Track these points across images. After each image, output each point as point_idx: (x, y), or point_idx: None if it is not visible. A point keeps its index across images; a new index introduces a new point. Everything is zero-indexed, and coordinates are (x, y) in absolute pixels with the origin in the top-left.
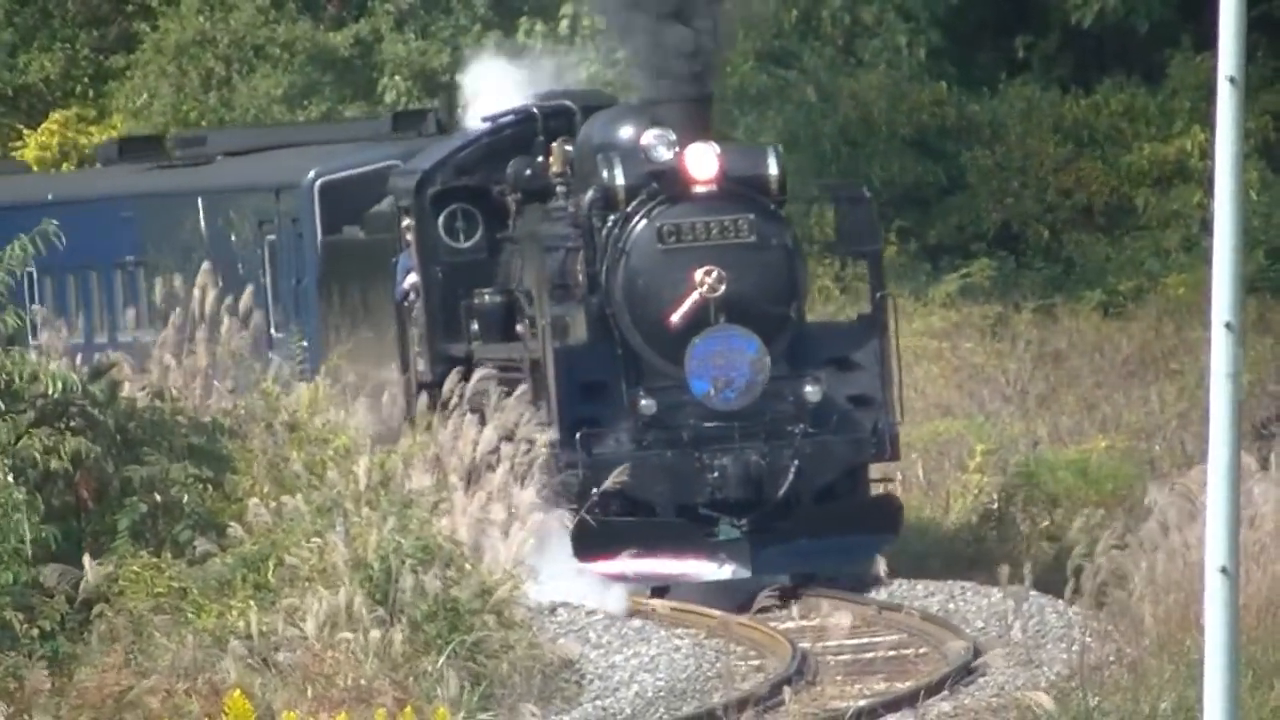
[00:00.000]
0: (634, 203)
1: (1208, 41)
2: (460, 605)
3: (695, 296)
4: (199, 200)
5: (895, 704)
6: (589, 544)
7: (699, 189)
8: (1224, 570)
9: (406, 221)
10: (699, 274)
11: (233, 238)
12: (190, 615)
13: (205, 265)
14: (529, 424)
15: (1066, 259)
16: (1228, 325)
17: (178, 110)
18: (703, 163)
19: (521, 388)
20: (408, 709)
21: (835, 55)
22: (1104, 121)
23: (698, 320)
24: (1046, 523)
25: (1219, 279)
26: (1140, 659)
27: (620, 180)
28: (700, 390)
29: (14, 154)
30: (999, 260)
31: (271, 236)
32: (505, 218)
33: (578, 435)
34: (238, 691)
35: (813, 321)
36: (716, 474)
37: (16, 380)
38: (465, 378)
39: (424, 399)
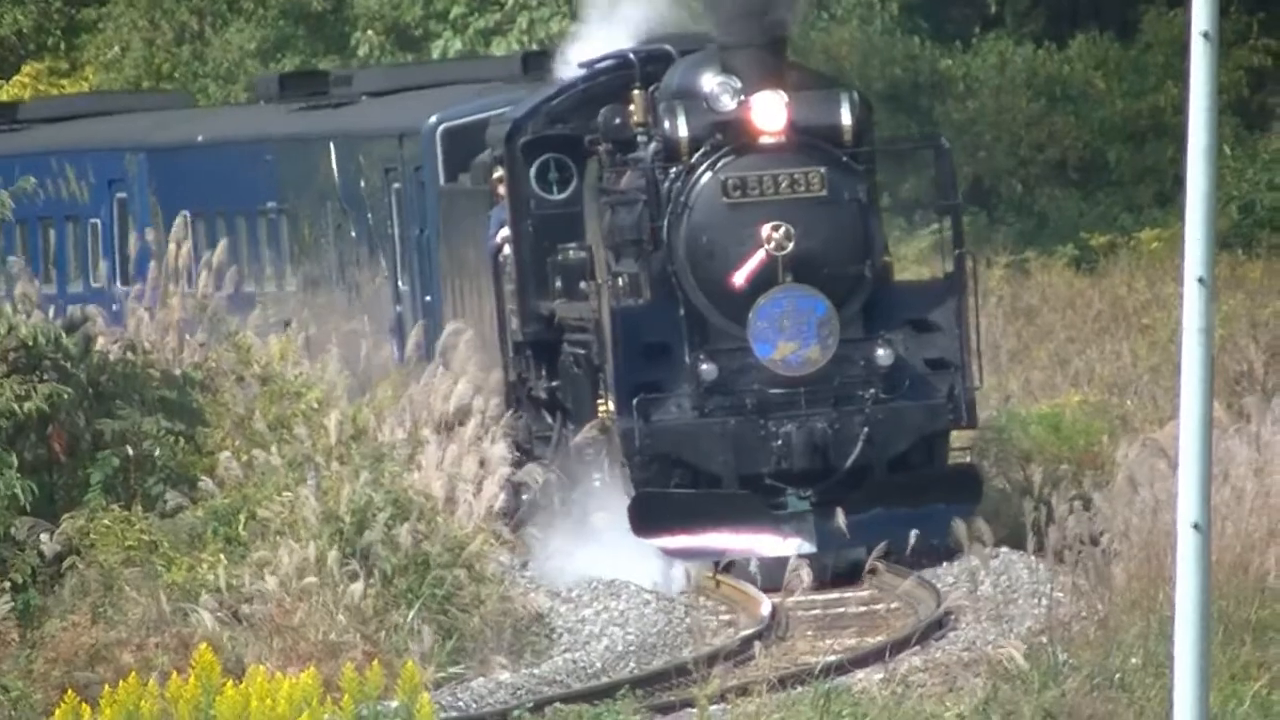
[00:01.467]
0: (698, 154)
1: None
2: (431, 559)
3: (761, 254)
4: (331, 145)
5: (865, 658)
6: (648, 517)
7: (766, 140)
8: (1196, 526)
9: (499, 172)
10: (766, 230)
11: (362, 185)
12: (160, 569)
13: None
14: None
15: (1039, 214)
16: (1201, 280)
17: (150, 63)
18: (770, 112)
19: (468, 334)
20: (375, 663)
21: (808, 10)
22: (1077, 76)
23: (764, 279)
24: (1019, 477)
25: (1192, 234)
26: (1110, 614)
27: (683, 131)
28: (765, 354)
29: None
30: (971, 215)
31: (397, 185)
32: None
33: (635, 401)
34: (205, 645)
35: (895, 281)
36: (781, 442)
37: None
38: (553, 337)
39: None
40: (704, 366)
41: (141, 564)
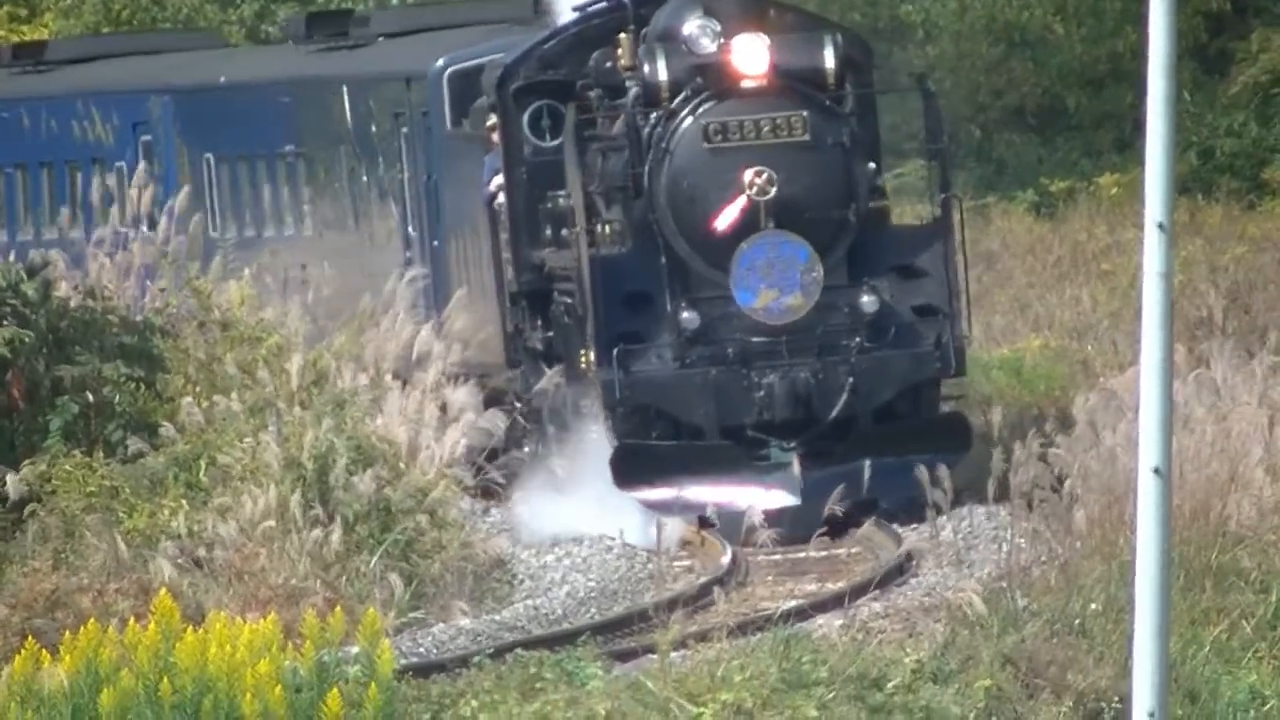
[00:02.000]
0: (678, 99)
1: None
2: (393, 505)
3: (743, 200)
4: (344, 88)
5: (825, 604)
6: (629, 470)
7: (747, 83)
8: (1157, 471)
9: (492, 119)
10: (748, 175)
11: (373, 129)
12: (122, 515)
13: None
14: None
15: (998, 160)
16: (1160, 225)
17: (108, 9)
18: (751, 55)
19: (461, 291)
20: (337, 609)
21: None
22: (1036, 22)
23: (746, 225)
24: (980, 422)
25: (1151, 179)
26: (1071, 560)
27: (663, 75)
28: (747, 302)
29: None
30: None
31: (405, 129)
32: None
33: (615, 352)
34: (164, 591)
35: (880, 226)
36: (763, 393)
37: None
38: (546, 287)
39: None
40: (685, 315)
41: (102, 510)
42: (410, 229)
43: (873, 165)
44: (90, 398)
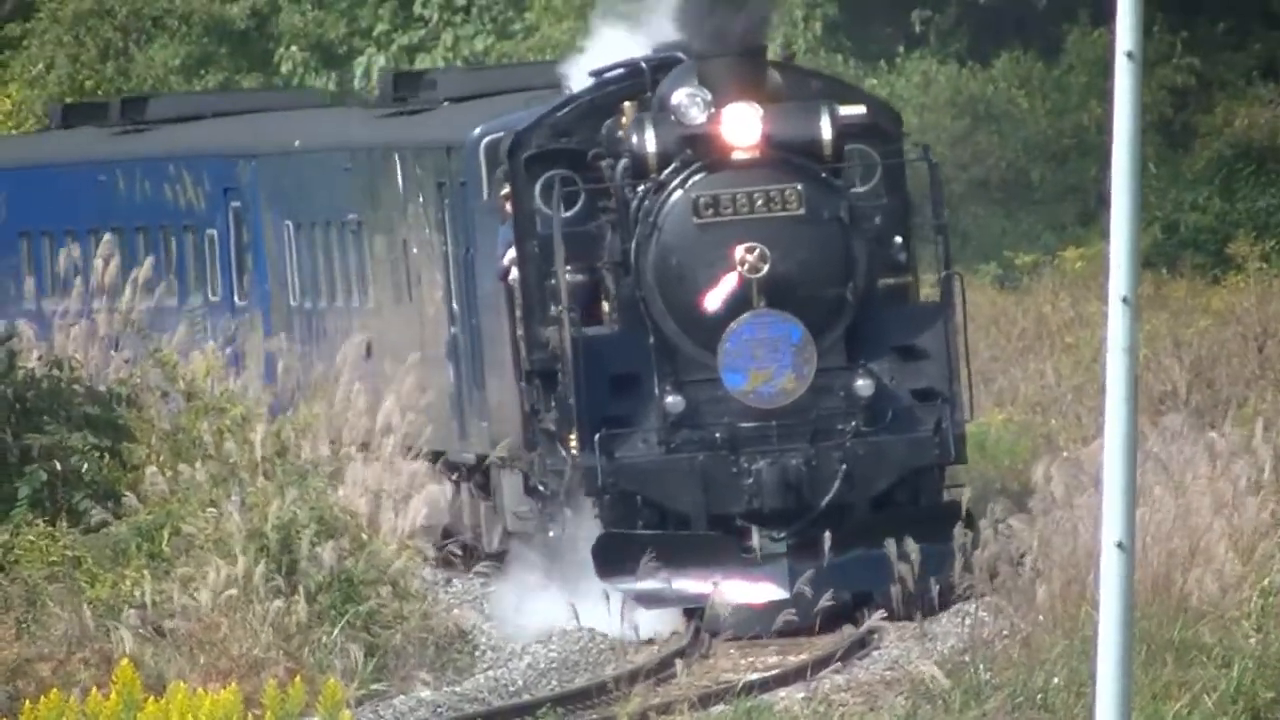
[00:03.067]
0: (667, 171)
1: (1105, 16)
2: (355, 576)
3: (734, 277)
4: (395, 156)
5: (787, 677)
6: (612, 560)
7: (739, 155)
8: (1120, 545)
9: (505, 189)
10: (739, 251)
11: (420, 199)
12: (84, 584)
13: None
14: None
15: (963, 232)
16: (1125, 299)
17: (74, 80)
18: (743, 125)
19: (413, 356)
20: (297, 679)
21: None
22: (1000, 95)
23: (737, 304)
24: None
25: (1116, 253)
26: (1033, 634)
27: (651, 145)
28: (736, 384)
29: None
30: None
31: (448, 200)
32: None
33: (597, 437)
34: (126, 661)
35: (881, 307)
36: (752, 480)
37: None
38: (554, 366)
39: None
40: (670, 399)
41: (65, 579)
42: (454, 303)
43: (899, 239)
44: (57, 466)
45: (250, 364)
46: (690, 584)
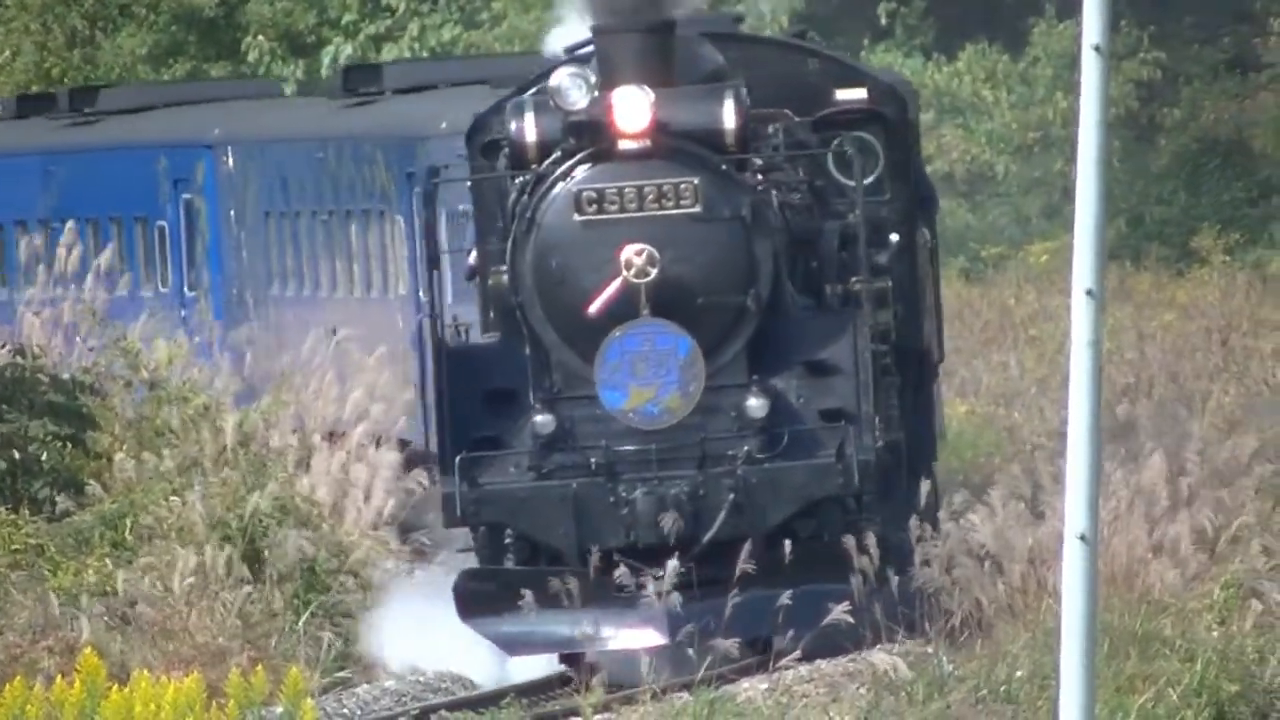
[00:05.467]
0: (548, 162)
1: (1071, 9)
2: (318, 565)
3: (619, 282)
4: (364, 147)
5: (749, 668)
6: (474, 600)
7: (628, 144)
8: (1083, 537)
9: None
10: (626, 253)
11: (387, 190)
12: (47, 572)
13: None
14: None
15: None
16: (1089, 292)
17: (40, 67)
18: (631, 109)
19: (380, 349)
20: (260, 668)
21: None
22: (966, 88)
23: (622, 312)
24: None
25: (1081, 246)
26: (996, 627)
27: (531, 134)
28: (614, 403)
29: None
30: None
31: (417, 189)
32: None
33: (458, 460)
34: (90, 649)
35: (792, 316)
36: (627, 511)
37: None
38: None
39: None
40: (539, 418)
41: (28, 567)
42: (421, 294)
43: (895, 237)
44: (17, 455)
45: (216, 353)
46: (562, 627)
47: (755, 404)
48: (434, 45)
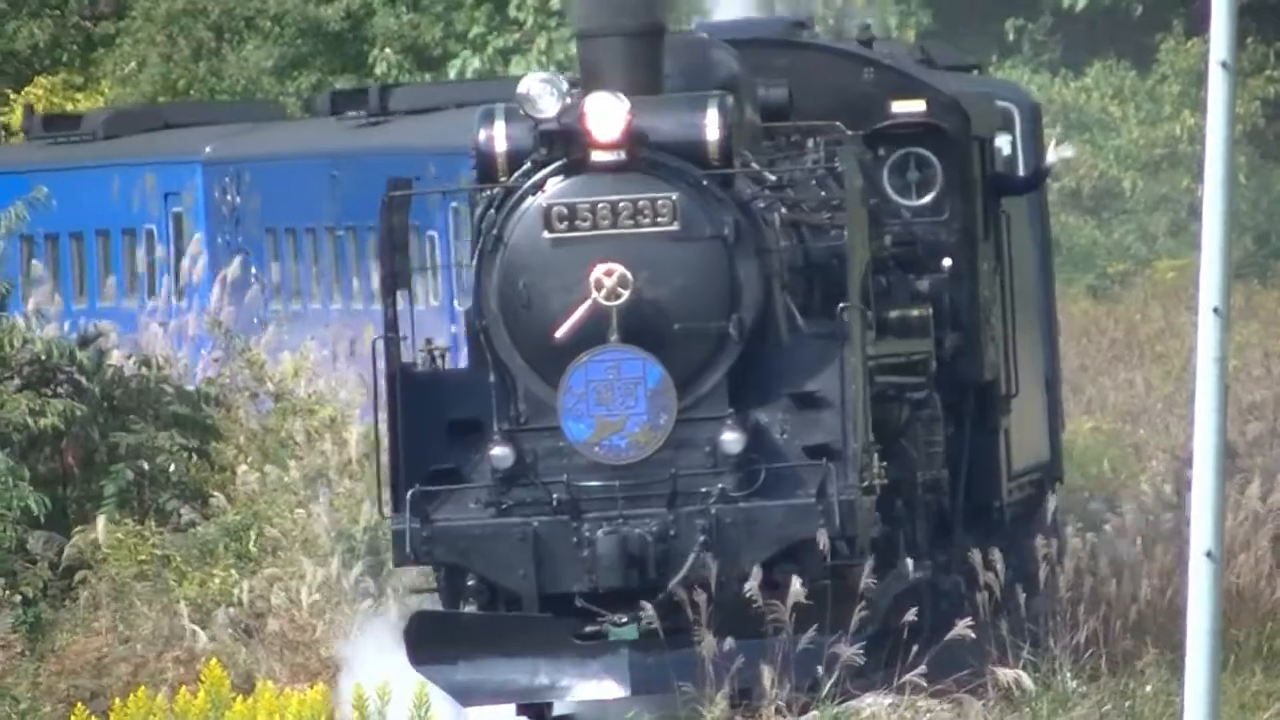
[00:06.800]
0: (517, 174)
1: (1198, 26)
2: None
3: (589, 304)
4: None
5: (874, 684)
6: (426, 645)
7: (602, 156)
8: (1209, 554)
9: None
10: (597, 273)
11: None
12: (172, 583)
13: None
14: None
15: (1055, 242)
16: (1216, 310)
17: (166, 79)
18: (604, 118)
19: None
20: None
21: (827, 34)
22: (1093, 104)
23: (591, 337)
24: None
25: (1207, 263)
26: (1121, 642)
27: (501, 144)
28: (578, 436)
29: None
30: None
31: (454, 203)
32: None
33: (409, 495)
34: (214, 659)
35: (783, 344)
36: (587, 553)
37: (5, 347)
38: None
39: None
40: (496, 450)
41: (153, 578)
42: (456, 304)
43: (948, 261)
44: (144, 466)
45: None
46: (519, 676)
47: (730, 438)
48: (561, 59)
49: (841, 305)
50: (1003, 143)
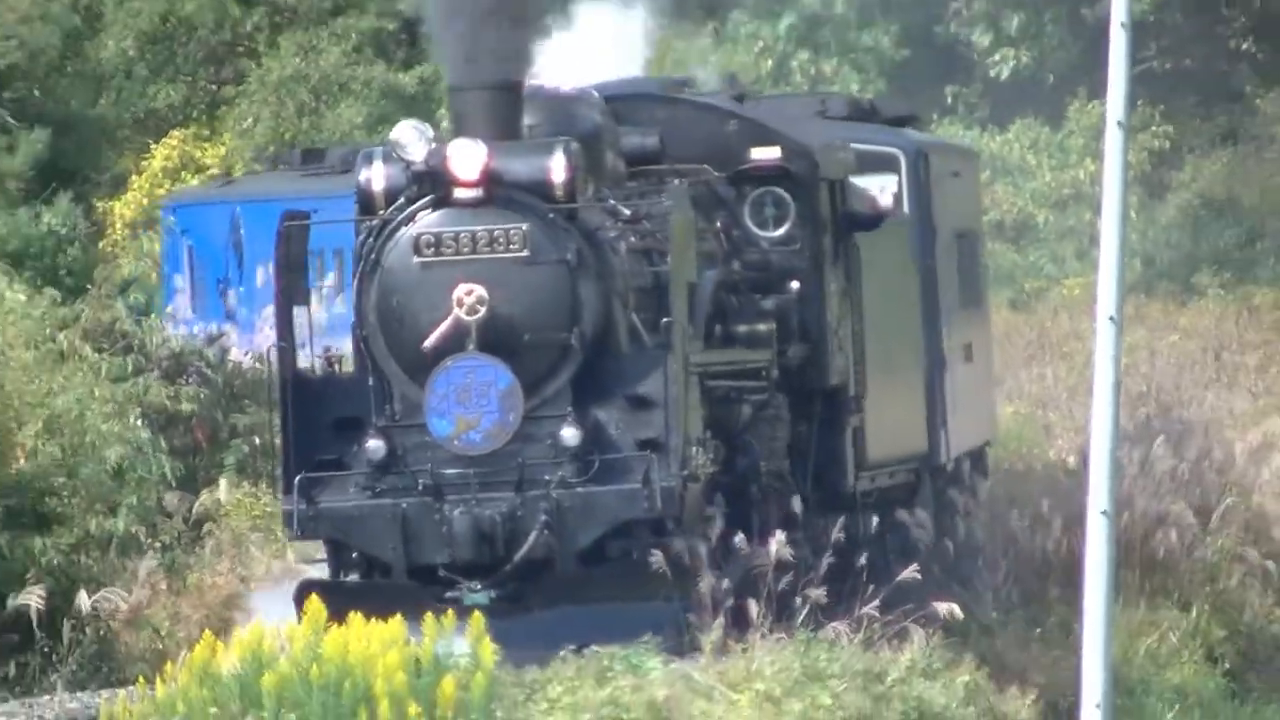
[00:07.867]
0: (393, 208)
1: (1099, 92)
2: None
3: (451, 319)
4: None
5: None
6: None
7: (464, 193)
8: (1104, 512)
9: None
10: (459, 292)
11: None
12: (279, 535)
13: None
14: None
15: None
16: (1111, 318)
17: (276, 132)
18: (466, 161)
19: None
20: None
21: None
22: (1014, 154)
23: (454, 347)
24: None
25: (1104, 281)
26: (1032, 583)
27: (379, 182)
28: (441, 431)
29: (142, 164)
30: None
31: None
32: None
33: (297, 480)
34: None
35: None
36: (446, 529)
37: (148, 345)
38: None
39: None
40: (370, 443)
41: (264, 530)
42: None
43: (795, 284)
44: (257, 441)
45: None
46: None
47: (569, 433)
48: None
49: (665, 320)
50: (888, 183)
